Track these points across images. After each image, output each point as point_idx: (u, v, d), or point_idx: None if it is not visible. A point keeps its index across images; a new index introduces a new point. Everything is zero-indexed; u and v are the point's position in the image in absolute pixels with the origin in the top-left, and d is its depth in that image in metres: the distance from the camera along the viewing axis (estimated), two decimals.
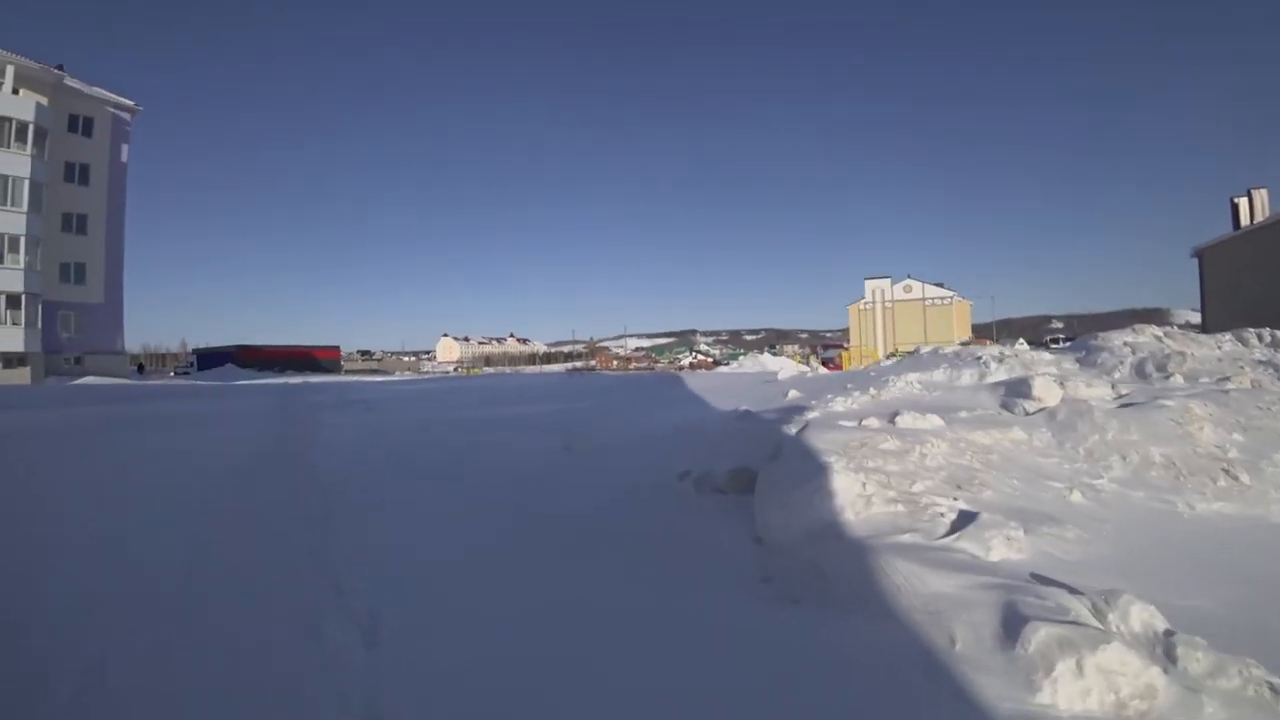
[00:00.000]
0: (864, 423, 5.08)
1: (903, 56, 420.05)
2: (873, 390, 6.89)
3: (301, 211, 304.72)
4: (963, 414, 5.75)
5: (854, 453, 4.46)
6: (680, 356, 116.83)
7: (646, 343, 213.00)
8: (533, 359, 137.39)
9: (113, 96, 35.28)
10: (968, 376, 7.53)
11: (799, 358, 50.09)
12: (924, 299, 75.00)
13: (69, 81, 33.06)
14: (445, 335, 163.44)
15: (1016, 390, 6.52)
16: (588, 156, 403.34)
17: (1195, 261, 29.93)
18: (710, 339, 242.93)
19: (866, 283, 77.78)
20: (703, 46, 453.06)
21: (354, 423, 10.95)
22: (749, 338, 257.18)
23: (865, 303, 77.61)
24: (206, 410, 13.06)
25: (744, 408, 7.91)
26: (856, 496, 3.98)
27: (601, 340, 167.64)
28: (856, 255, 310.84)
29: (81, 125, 33.98)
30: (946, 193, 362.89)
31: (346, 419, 11.51)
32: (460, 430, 9.69)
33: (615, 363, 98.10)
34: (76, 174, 33.72)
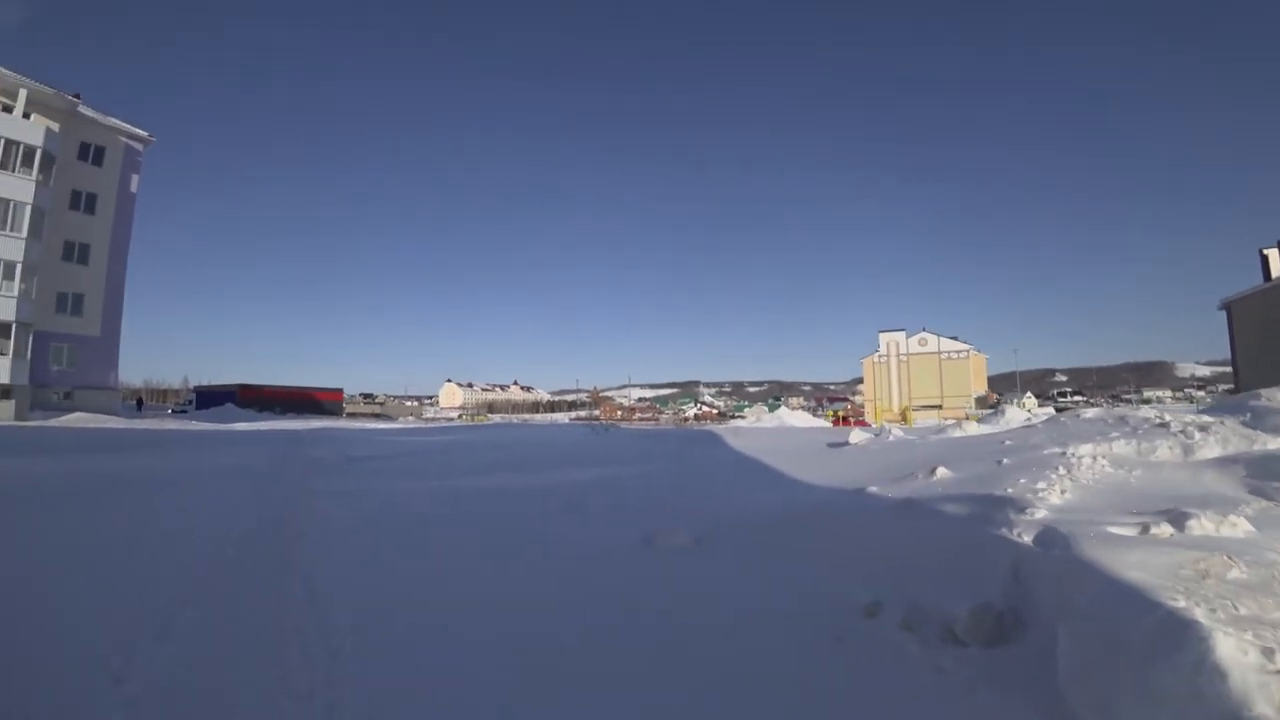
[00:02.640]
0: (1152, 530, 3.39)
1: (912, 106, 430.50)
2: (1062, 470, 5.21)
3: (313, 251, 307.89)
4: (1245, 509, 4.07)
5: (1195, 588, 2.78)
6: (685, 408, 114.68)
7: (650, 393, 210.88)
8: (536, 407, 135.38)
9: (126, 126, 34.55)
10: (1164, 450, 5.85)
11: (832, 414, 47.71)
12: (939, 352, 73.45)
13: (83, 109, 32.36)
14: (449, 380, 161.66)
15: (1271, 471, 4.86)
16: (596, 206, 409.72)
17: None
18: (713, 390, 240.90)
19: (880, 335, 76.36)
20: (706, 91, 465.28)
21: (361, 494, 9.02)
22: (752, 389, 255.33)
23: (880, 355, 76.02)
24: (178, 471, 10.98)
25: (873, 488, 6.08)
26: (1262, 673, 2.29)
27: (605, 389, 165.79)
28: (860, 308, 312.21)
29: (92, 154, 33.15)
30: (956, 245, 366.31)
31: (350, 486, 9.50)
32: (495, 516, 7.58)
33: (619, 413, 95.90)
34: (83, 203, 32.72)
